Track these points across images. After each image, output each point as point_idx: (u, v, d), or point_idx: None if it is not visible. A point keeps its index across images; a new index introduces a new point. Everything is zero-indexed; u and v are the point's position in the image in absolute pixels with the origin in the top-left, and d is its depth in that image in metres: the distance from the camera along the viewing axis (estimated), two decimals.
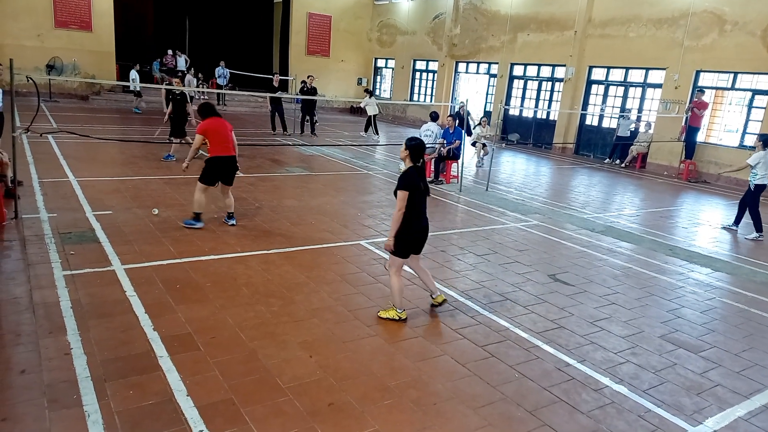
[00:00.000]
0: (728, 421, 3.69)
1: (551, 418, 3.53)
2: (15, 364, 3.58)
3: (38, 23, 19.21)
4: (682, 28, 14.78)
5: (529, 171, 14.62)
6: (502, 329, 4.76)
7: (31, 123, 6.94)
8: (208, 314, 4.49)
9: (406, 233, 4.55)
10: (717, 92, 14.92)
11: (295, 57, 24.76)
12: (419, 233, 4.67)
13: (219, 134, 6.67)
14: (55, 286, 4.73)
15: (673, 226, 9.29)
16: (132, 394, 3.35)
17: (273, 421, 3.23)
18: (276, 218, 7.47)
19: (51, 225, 6.30)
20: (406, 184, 4.47)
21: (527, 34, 19.03)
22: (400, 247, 4.58)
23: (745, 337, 5.05)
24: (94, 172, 9.26)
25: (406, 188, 4.46)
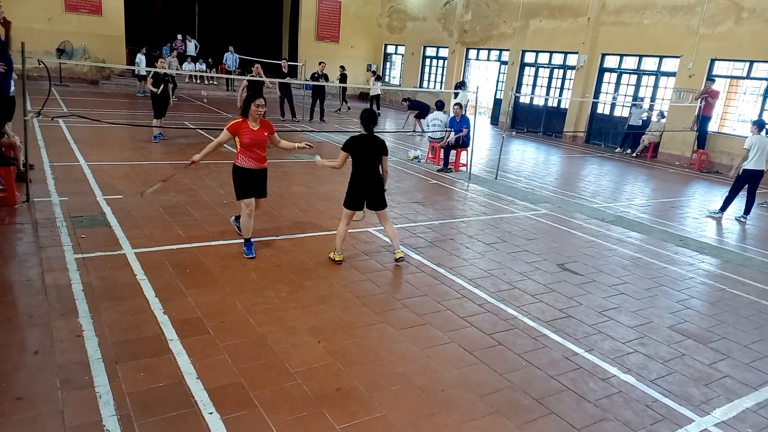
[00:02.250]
0: (736, 412, 3.68)
1: (558, 407, 3.54)
2: (28, 345, 3.64)
3: (48, 7, 19.21)
4: (698, 15, 14.53)
5: (539, 160, 14.52)
6: (510, 318, 4.76)
7: (42, 107, 6.97)
8: (218, 299, 4.53)
9: (349, 189, 5.53)
10: (732, 81, 14.70)
11: (305, 43, 24.63)
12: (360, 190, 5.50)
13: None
14: (66, 269, 4.78)
15: (683, 216, 9.22)
16: (143, 377, 3.40)
17: (281, 404, 3.27)
18: (285, 205, 7.49)
19: (62, 208, 6.35)
20: (346, 146, 5.46)
21: (539, 21, 18.79)
22: (346, 200, 5.55)
23: (754, 328, 5.02)
24: (105, 156, 9.31)
25: (345, 149, 5.46)
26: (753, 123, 9.04)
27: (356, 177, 5.49)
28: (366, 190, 5.51)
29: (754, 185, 9.02)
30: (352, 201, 5.53)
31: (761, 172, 8.86)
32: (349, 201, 5.54)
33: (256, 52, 23.11)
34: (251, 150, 5.45)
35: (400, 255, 5.68)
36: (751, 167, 8.80)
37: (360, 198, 5.52)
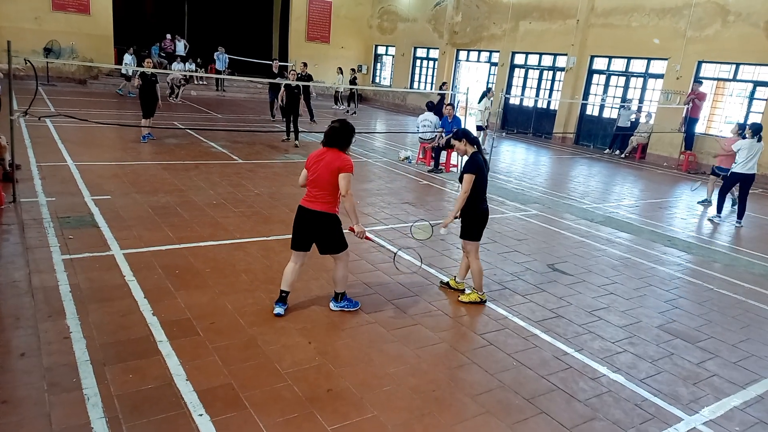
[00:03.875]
0: (724, 411, 3.72)
1: (549, 406, 3.55)
2: (14, 348, 3.59)
3: (36, 6, 18.99)
4: (685, 18, 14.68)
5: (528, 161, 14.60)
6: (500, 318, 4.78)
7: (29, 106, 6.89)
8: (208, 300, 4.50)
9: (475, 215, 4.85)
10: (718, 83, 14.87)
11: (295, 43, 24.57)
12: (485, 215, 4.93)
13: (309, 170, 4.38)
14: (54, 271, 4.72)
15: (671, 216, 9.30)
16: (131, 378, 3.36)
17: (272, 406, 3.25)
18: (275, 205, 7.46)
19: (49, 209, 6.28)
20: (473, 168, 4.74)
21: (529, 23, 18.89)
22: (476, 231, 4.90)
23: (741, 328, 5.07)
24: (93, 156, 9.22)
25: (473, 171, 4.73)
26: (748, 127, 8.90)
27: (480, 201, 4.89)
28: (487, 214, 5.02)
29: (745, 189, 8.93)
30: (482, 228, 4.99)
31: (751, 176, 8.79)
32: (481, 229, 4.96)
33: (247, 52, 23.05)
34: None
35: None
36: (739, 170, 8.75)
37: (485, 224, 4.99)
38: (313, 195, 4.25)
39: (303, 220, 4.31)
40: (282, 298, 4.43)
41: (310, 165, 4.27)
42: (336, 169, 4.13)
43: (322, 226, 4.29)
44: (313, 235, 4.34)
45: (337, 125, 4.26)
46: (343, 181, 4.14)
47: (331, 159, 4.16)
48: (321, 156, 4.22)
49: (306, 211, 4.29)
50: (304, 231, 4.34)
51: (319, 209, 4.23)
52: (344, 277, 4.50)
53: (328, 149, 4.23)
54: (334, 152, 4.20)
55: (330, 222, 4.30)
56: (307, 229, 4.32)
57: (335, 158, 4.16)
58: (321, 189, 4.21)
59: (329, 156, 4.18)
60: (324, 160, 4.18)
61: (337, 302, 4.55)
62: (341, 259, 4.43)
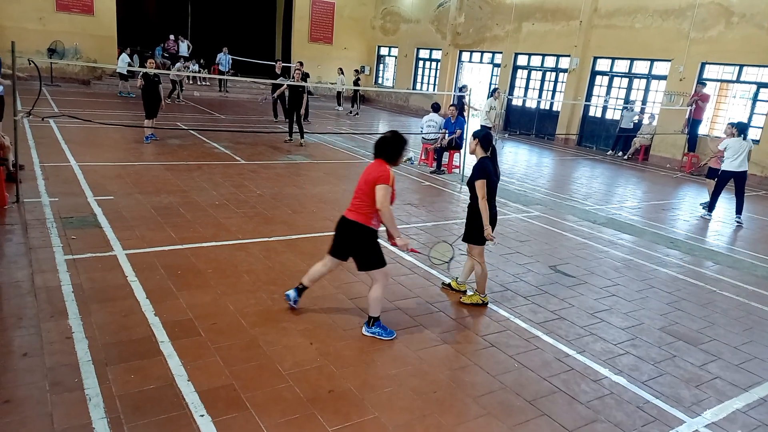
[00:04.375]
0: (726, 413, 3.71)
1: (550, 408, 3.55)
2: (17, 348, 3.60)
3: (40, 6, 19.07)
4: (689, 19, 14.65)
5: (531, 162, 14.58)
6: (502, 319, 4.77)
7: (33, 107, 6.92)
8: (210, 300, 4.50)
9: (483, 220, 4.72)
10: (722, 85, 14.83)
11: (298, 44, 24.60)
12: (494, 219, 4.83)
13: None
14: (56, 271, 4.73)
15: (674, 218, 9.28)
16: (133, 379, 3.37)
17: (273, 406, 3.25)
18: (277, 206, 7.47)
19: (52, 209, 6.29)
20: (482, 173, 4.66)
21: (532, 24, 18.88)
22: (482, 235, 4.75)
23: (744, 330, 5.06)
24: (96, 156, 9.24)
25: (483, 177, 4.65)
26: (734, 126, 9.21)
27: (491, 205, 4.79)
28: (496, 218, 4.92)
29: (740, 186, 9.17)
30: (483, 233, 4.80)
31: (742, 174, 9.03)
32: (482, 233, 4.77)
33: (250, 53, 23.10)
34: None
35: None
36: (728, 168, 9.00)
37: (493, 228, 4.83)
38: (352, 204, 4.14)
39: (338, 228, 4.21)
40: (299, 290, 4.43)
41: (362, 175, 4.17)
42: (373, 180, 3.98)
43: (354, 237, 4.13)
44: (347, 246, 4.20)
45: (388, 135, 4.13)
46: (379, 192, 3.95)
47: (371, 169, 4.06)
48: (368, 166, 4.14)
49: (342, 219, 4.18)
50: (338, 240, 4.23)
51: (353, 219, 4.09)
52: (377, 299, 4.18)
53: (376, 160, 4.11)
54: (377, 162, 4.09)
55: (362, 234, 4.10)
56: (341, 239, 4.20)
57: (374, 168, 4.04)
58: (357, 198, 4.10)
59: (371, 166, 4.09)
60: (366, 170, 4.09)
61: (369, 327, 4.24)
62: (376, 279, 4.18)
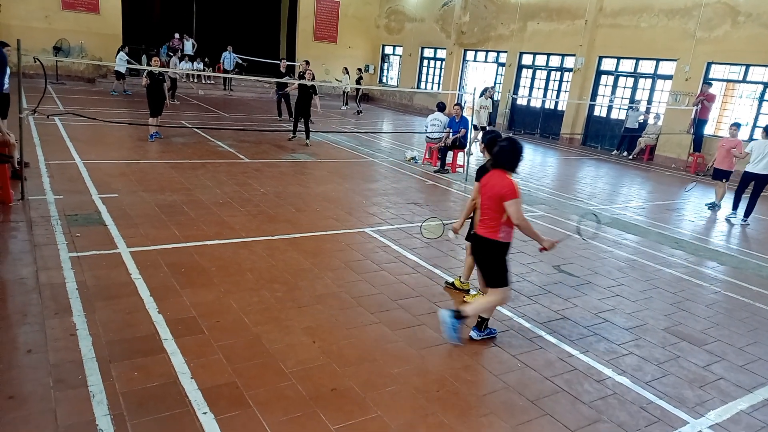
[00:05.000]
0: (730, 415, 3.69)
1: (553, 408, 3.54)
2: (22, 344, 3.62)
3: (45, 5, 19.16)
4: (695, 18, 14.59)
5: (535, 161, 14.55)
6: (505, 319, 4.76)
7: (38, 104, 6.95)
8: (213, 298, 4.51)
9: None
10: (728, 85, 14.76)
11: (303, 43, 24.62)
12: None
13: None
14: (61, 268, 4.75)
15: (679, 219, 9.24)
16: (137, 376, 3.38)
17: (276, 404, 3.26)
18: (281, 204, 7.47)
19: (57, 207, 6.32)
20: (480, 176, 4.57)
21: (537, 23, 18.83)
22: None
23: (749, 331, 5.03)
24: (101, 154, 9.27)
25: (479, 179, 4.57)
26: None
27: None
28: None
29: (758, 190, 9.18)
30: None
31: (764, 177, 9.02)
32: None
33: (254, 52, 23.13)
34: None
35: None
36: (752, 170, 9.08)
37: None
38: (480, 219, 4.07)
39: (474, 245, 4.20)
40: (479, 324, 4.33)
41: (482, 187, 4.12)
42: (499, 196, 3.89)
43: (483, 252, 4.08)
44: (478, 260, 4.15)
45: (505, 145, 3.98)
46: (511, 208, 3.87)
47: (495, 183, 3.96)
48: (488, 179, 4.04)
49: (474, 236, 4.14)
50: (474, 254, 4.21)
51: (482, 234, 4.04)
52: (485, 305, 4.14)
53: (495, 171, 4.01)
54: (499, 175, 3.98)
55: (490, 248, 4.04)
56: (475, 255, 4.17)
57: (498, 182, 3.94)
58: (485, 214, 4.04)
59: (493, 179, 3.99)
60: (489, 184, 4.01)
61: (481, 331, 4.25)
62: (496, 294, 4.12)
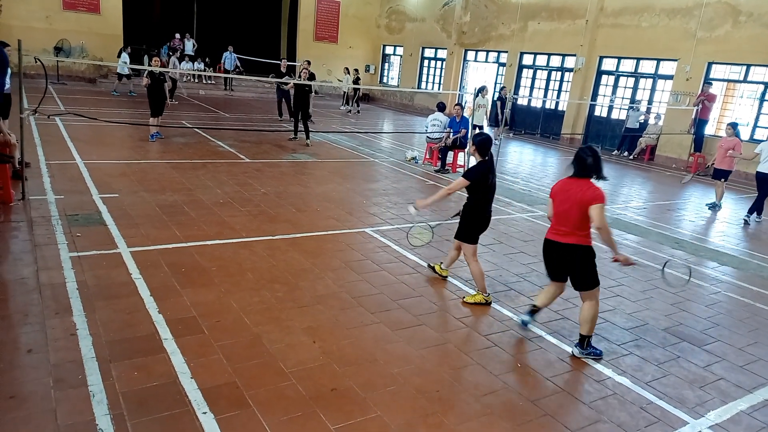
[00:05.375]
0: (730, 415, 3.69)
1: (553, 408, 3.54)
2: (22, 344, 3.62)
3: (46, 5, 19.18)
4: (696, 18, 14.58)
5: (536, 161, 14.55)
6: (505, 319, 4.76)
7: (39, 105, 6.95)
8: (213, 298, 4.52)
9: (476, 219, 4.92)
10: (728, 85, 14.75)
11: (303, 43, 24.64)
12: (486, 221, 5.00)
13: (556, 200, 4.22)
14: (61, 268, 4.76)
15: (680, 219, 9.24)
16: (137, 376, 3.38)
17: (276, 404, 3.26)
18: (281, 204, 7.48)
19: (58, 207, 6.33)
20: (471, 174, 4.83)
21: (538, 23, 18.83)
22: (471, 234, 4.93)
23: (750, 331, 5.03)
24: (101, 155, 9.28)
25: (468, 177, 4.82)
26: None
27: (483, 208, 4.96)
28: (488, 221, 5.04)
29: (765, 189, 9.22)
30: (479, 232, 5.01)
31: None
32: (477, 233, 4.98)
33: (255, 52, 23.14)
34: None
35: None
36: (763, 170, 9.17)
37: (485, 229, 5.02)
38: (562, 228, 4.07)
39: (554, 254, 4.18)
40: (532, 312, 4.48)
41: (556, 196, 4.12)
42: (587, 201, 3.93)
43: (574, 259, 4.10)
44: (566, 268, 4.21)
45: (589, 154, 4.04)
46: (596, 212, 3.91)
47: (581, 190, 3.98)
48: (568, 187, 4.05)
49: (555, 245, 4.12)
50: (556, 264, 4.24)
51: (573, 242, 4.05)
52: (593, 317, 4.14)
53: (577, 179, 4.04)
54: (584, 183, 4.02)
55: (583, 255, 4.09)
56: (560, 263, 4.21)
57: (585, 189, 3.97)
58: (566, 222, 4.05)
59: (575, 186, 4.01)
60: (571, 191, 4.01)
61: (583, 348, 4.18)
62: (590, 297, 4.15)
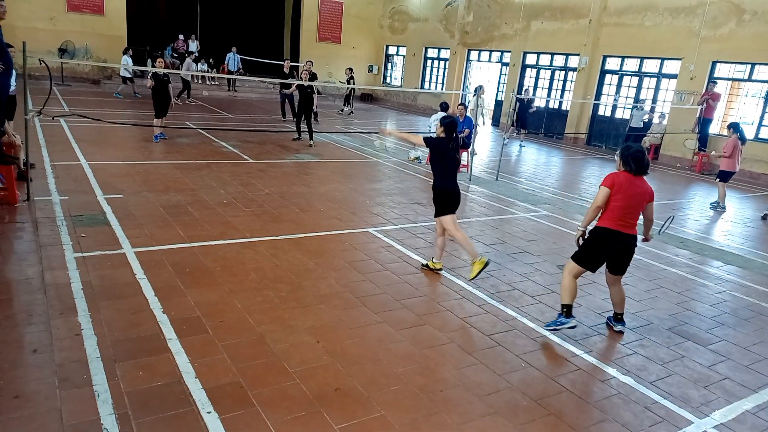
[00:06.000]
0: (735, 414, 3.68)
1: (557, 408, 3.53)
2: (27, 344, 3.64)
3: (51, 6, 19.25)
4: (700, 17, 14.53)
5: (539, 161, 14.52)
6: (509, 318, 4.76)
7: (44, 106, 6.99)
8: (217, 298, 4.53)
9: (443, 196, 5.26)
10: (733, 83, 14.69)
11: (306, 43, 24.66)
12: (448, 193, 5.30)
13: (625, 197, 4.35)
14: (66, 268, 4.78)
15: (684, 218, 9.20)
16: (141, 375, 3.39)
17: (280, 404, 3.26)
18: (285, 204, 7.49)
19: (63, 207, 6.35)
20: (429, 140, 5.29)
21: (541, 22, 18.79)
22: (444, 208, 5.28)
23: (755, 330, 5.01)
24: (106, 155, 9.31)
25: (426, 140, 5.29)
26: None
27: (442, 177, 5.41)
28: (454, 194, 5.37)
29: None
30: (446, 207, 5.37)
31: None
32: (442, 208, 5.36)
33: (258, 53, 23.19)
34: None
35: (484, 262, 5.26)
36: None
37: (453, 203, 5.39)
38: (628, 221, 4.37)
39: (618, 245, 4.41)
40: (569, 312, 4.47)
41: (624, 190, 4.32)
42: (650, 196, 4.40)
43: (632, 248, 4.48)
44: (621, 257, 4.49)
45: (644, 153, 4.39)
46: (652, 207, 4.47)
47: (646, 188, 4.38)
48: (635, 182, 4.33)
49: (623, 236, 4.38)
50: (612, 254, 4.47)
51: (634, 233, 4.43)
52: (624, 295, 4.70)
53: (639, 177, 4.37)
54: (641, 179, 4.38)
55: (636, 244, 4.52)
56: (619, 252, 4.45)
57: (647, 186, 4.40)
58: (635, 215, 4.39)
59: (637, 182, 4.35)
60: (640, 187, 4.34)
61: (623, 323, 4.71)
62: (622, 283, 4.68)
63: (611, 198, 4.35)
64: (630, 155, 4.34)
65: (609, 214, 4.37)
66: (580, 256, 4.52)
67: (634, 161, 4.32)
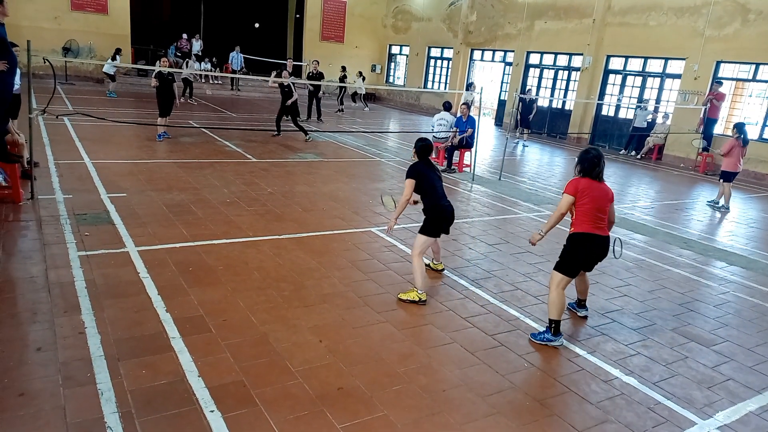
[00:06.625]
0: (739, 416, 3.66)
1: (560, 408, 3.53)
2: (31, 342, 3.65)
3: (55, 5, 19.30)
4: (704, 16, 14.48)
5: (542, 161, 14.50)
6: (512, 318, 4.75)
7: (48, 105, 7.01)
8: (220, 297, 4.53)
9: (432, 217, 4.96)
10: (737, 83, 14.64)
11: (309, 42, 24.67)
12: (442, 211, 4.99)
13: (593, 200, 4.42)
14: (70, 266, 4.79)
15: (688, 218, 9.18)
16: (144, 374, 3.40)
17: (282, 403, 3.27)
18: (288, 204, 7.49)
19: (66, 206, 6.37)
20: (408, 173, 4.99)
21: (545, 22, 18.76)
22: (429, 230, 4.95)
23: (759, 331, 4.99)
24: (109, 154, 9.33)
25: (410, 176, 4.96)
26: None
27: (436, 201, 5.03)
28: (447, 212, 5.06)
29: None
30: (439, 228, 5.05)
31: None
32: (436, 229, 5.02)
33: (262, 52, 23.21)
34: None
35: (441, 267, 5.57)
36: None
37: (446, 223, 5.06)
38: (602, 224, 4.45)
39: (598, 249, 4.48)
40: (557, 329, 4.34)
41: (586, 195, 4.40)
42: (611, 199, 4.54)
43: (607, 250, 4.55)
44: (598, 259, 4.58)
45: (600, 158, 4.53)
46: (614, 208, 4.64)
47: (607, 189, 4.51)
48: (596, 185, 4.44)
49: (601, 238, 4.46)
50: (595, 257, 4.56)
51: (608, 235, 4.53)
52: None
53: (594, 180, 4.46)
54: (601, 183, 4.50)
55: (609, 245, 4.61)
56: (598, 256, 4.54)
57: (608, 188, 4.54)
58: (605, 217, 4.50)
59: (601, 185, 4.48)
60: (602, 189, 4.46)
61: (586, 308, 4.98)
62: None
63: (578, 203, 4.40)
64: (587, 159, 4.47)
65: (582, 218, 4.40)
66: (565, 265, 4.44)
67: (592, 164, 4.45)
